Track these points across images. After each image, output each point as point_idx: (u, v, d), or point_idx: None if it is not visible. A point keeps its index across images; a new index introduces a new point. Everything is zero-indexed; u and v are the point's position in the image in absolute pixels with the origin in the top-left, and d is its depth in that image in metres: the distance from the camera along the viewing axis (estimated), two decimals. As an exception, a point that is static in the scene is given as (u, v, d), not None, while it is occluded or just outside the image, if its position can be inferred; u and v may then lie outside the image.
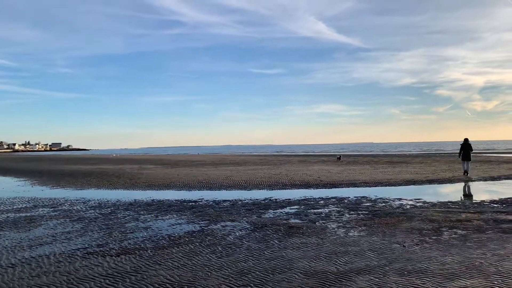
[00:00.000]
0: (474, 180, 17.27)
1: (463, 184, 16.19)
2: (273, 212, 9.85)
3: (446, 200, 11.39)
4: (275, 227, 8.02)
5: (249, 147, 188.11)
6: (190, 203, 11.71)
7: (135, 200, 12.77)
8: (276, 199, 12.20)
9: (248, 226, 8.15)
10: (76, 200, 13.09)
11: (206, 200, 12.30)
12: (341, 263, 5.46)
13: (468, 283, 4.53)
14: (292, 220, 8.73)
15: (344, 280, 4.74)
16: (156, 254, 6.15)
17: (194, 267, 5.41)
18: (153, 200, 12.69)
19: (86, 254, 6.21)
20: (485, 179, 17.61)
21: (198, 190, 15.39)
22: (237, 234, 7.46)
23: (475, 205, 10.50)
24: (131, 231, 7.96)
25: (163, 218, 9.40)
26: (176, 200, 12.55)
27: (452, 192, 13.89)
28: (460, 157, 19.96)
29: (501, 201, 11.01)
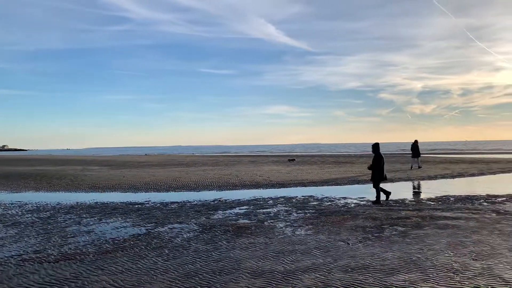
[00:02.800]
0: (413, 179, 18.26)
1: (403, 183, 17.06)
2: (222, 213, 9.80)
3: (388, 199, 11.92)
4: (223, 228, 7.97)
5: (199, 148, 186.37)
6: (136, 205, 11.36)
7: (77, 202, 12.18)
8: (225, 200, 12.15)
9: (196, 228, 8.04)
10: (11, 204, 12.24)
11: (153, 202, 11.99)
12: (288, 262, 5.53)
13: (407, 277, 4.76)
14: (241, 221, 8.74)
15: (290, 279, 4.80)
16: (99, 258, 5.89)
17: (139, 271, 5.23)
18: (96, 202, 12.17)
19: (21, 262, 5.82)
20: (423, 178, 18.67)
21: (145, 192, 14.97)
22: (185, 236, 7.34)
23: (414, 203, 11.09)
24: (72, 235, 7.57)
25: (107, 221, 9.04)
26: (121, 202, 12.12)
27: (393, 190, 14.54)
28: (412, 155, 24.71)
29: (437, 199, 11.72)
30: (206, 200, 12.18)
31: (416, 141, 24.73)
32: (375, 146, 11.70)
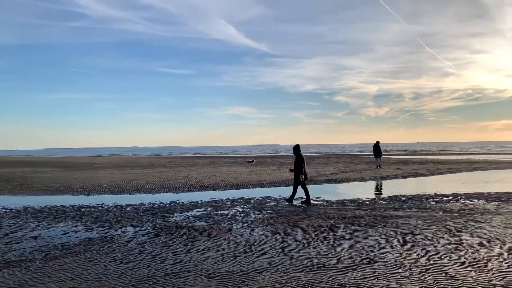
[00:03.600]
0: (367, 180, 18.86)
1: (357, 183, 17.58)
2: (179, 216, 9.65)
3: (343, 198, 12.26)
4: (180, 230, 7.85)
5: (157, 149, 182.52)
6: (89, 209, 10.94)
7: (24, 206, 11.55)
8: (182, 202, 11.97)
9: (151, 231, 7.86)
10: (-50, 209, 11.40)
11: (107, 205, 11.60)
12: (244, 263, 5.52)
13: (359, 274, 4.89)
14: (198, 223, 8.64)
15: (246, 280, 4.79)
16: (46, 265, 5.60)
17: (89, 277, 5.03)
18: (45, 206, 11.59)
19: (-41, 271, 5.42)
20: (376, 179, 19.34)
21: (98, 195, 14.45)
22: (139, 239, 7.15)
23: (367, 202, 11.45)
24: (17, 241, 7.16)
25: (57, 225, 8.63)
26: (72, 205, 11.63)
27: (348, 190, 14.97)
28: (374, 155, 26.48)
29: (389, 199, 12.18)
30: (162, 203, 11.94)
31: (377, 142, 26.33)
32: (296, 148, 11.77)
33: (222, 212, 10.02)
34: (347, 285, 4.54)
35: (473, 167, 26.45)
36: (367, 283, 4.59)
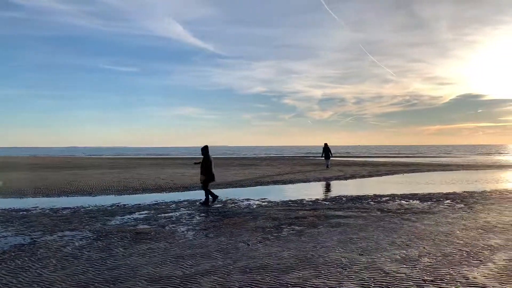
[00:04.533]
0: (311, 181, 19.36)
1: (302, 184, 17.99)
2: (120, 219, 9.31)
3: (287, 199, 12.48)
4: (120, 234, 7.57)
5: (99, 150, 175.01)
6: (21, 212, 10.24)
7: None
8: (124, 205, 11.56)
9: (90, 235, 7.50)
10: None
11: (42, 208, 10.92)
12: (187, 266, 5.44)
13: (301, 274, 5.00)
14: (141, 226, 8.38)
15: (189, 283, 4.72)
16: (-31, 274, 5.16)
17: (19, 285, 4.70)
18: (-29, 210, 10.68)
19: None
20: (320, 180, 19.91)
21: (33, 197, 13.57)
22: (77, 244, 6.80)
23: (311, 203, 11.74)
24: None
25: (-17, 231, 7.98)
26: (2, 209, 10.82)
27: (293, 192, 15.26)
28: (323, 157, 28.22)
29: (332, 199, 12.58)
30: (102, 205, 11.46)
31: (326, 144, 28.09)
32: (204, 149, 11.77)
33: (166, 214, 9.81)
34: (289, 285, 4.61)
35: (409, 169, 28.06)
36: (308, 282, 4.70)
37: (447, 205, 10.93)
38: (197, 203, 11.62)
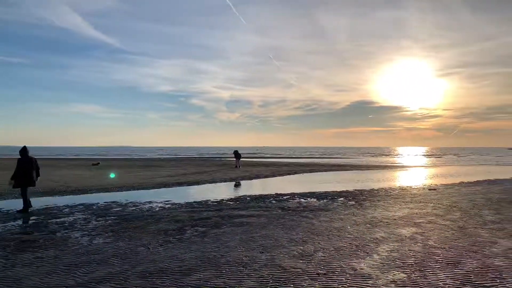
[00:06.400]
0: (217, 182, 19.44)
1: (208, 185, 17.98)
2: (2, 226, 8.33)
3: (192, 201, 12.36)
4: (2, 243, 6.77)
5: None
6: None
7: None
8: (8, 211, 10.38)
9: (-37, 246, 6.58)
10: None
11: None
12: (81, 274, 5.06)
13: (202, 275, 4.97)
14: (27, 233, 7.59)
15: (81, 293, 4.40)
16: None
17: None
18: None
19: None
20: (225, 180, 20.09)
21: None
22: None
23: (215, 203, 11.78)
24: None
25: None
26: None
27: (198, 193, 15.17)
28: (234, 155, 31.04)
29: (236, 199, 12.77)
30: (-19, 212, 10.13)
31: (236, 151, 31.56)
32: (22, 151, 10.57)
33: (58, 220, 9.03)
34: (189, 287, 4.56)
35: (308, 169, 29.76)
36: (209, 283, 4.69)
37: (340, 203, 11.81)
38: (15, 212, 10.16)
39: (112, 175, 19.13)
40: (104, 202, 11.95)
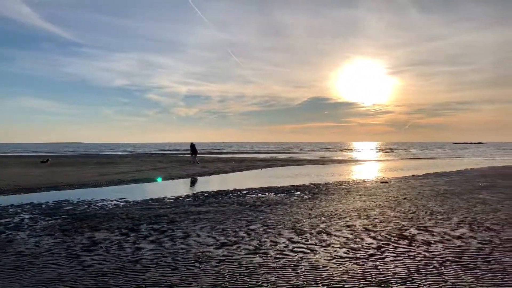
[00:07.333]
0: (175, 178, 19.14)
1: (165, 182, 17.66)
2: None
3: (148, 198, 12.09)
4: None
5: None
6: None
7: None
8: None
9: None
10: None
11: None
12: (27, 277, 4.82)
13: (157, 273, 4.88)
14: (-33, 236, 7.12)
15: (27, 297, 4.19)
16: None
17: None
18: None
19: None
20: (183, 177, 19.84)
21: None
22: None
23: (172, 200, 11.60)
24: None
25: None
26: None
27: (154, 190, 14.86)
28: (191, 154, 30.25)
29: (193, 195, 12.63)
30: None
31: (192, 144, 30.01)
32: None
33: (2, 220, 8.53)
34: (144, 286, 4.46)
35: (266, 164, 30.00)
36: (164, 281, 4.62)
37: (297, 197, 12.00)
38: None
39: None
40: (54, 201, 11.43)
